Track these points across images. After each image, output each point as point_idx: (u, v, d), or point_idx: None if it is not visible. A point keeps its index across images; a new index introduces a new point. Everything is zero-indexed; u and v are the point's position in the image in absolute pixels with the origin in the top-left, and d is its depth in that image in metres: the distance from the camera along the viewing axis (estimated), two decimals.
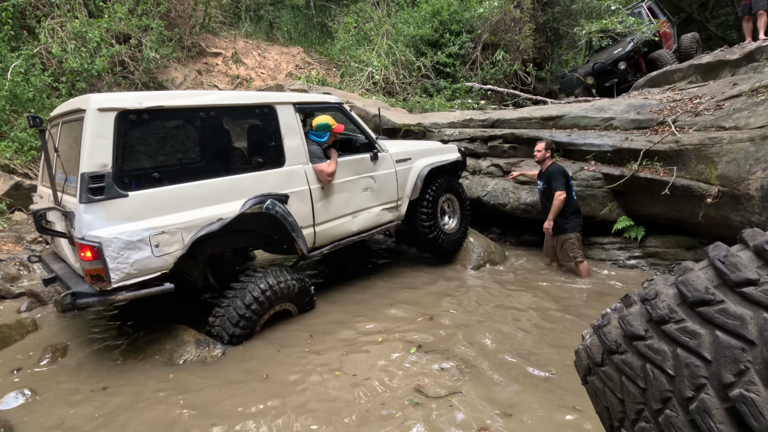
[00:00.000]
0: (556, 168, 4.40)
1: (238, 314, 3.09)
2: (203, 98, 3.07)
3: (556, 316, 3.57)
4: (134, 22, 7.72)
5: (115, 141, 2.63)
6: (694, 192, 4.06)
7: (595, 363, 1.29)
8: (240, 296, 3.13)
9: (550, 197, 4.42)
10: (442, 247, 4.64)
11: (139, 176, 2.78)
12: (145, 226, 2.69)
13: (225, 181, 3.09)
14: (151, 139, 2.93)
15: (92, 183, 2.55)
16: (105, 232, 2.56)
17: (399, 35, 9.63)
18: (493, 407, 2.40)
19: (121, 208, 2.64)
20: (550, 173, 4.40)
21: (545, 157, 4.51)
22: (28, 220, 5.66)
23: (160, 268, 2.78)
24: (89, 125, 2.58)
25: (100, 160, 2.59)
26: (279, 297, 3.31)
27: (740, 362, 0.93)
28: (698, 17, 15.50)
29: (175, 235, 2.79)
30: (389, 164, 4.25)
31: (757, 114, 3.99)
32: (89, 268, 2.57)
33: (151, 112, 2.80)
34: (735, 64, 6.08)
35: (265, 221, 3.31)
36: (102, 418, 2.43)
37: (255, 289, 3.17)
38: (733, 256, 1.03)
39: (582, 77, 9.41)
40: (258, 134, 3.58)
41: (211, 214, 2.96)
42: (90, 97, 2.65)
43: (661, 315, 1.09)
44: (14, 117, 6.32)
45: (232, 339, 3.10)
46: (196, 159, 3.19)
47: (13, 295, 4.07)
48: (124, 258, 2.61)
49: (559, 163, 4.60)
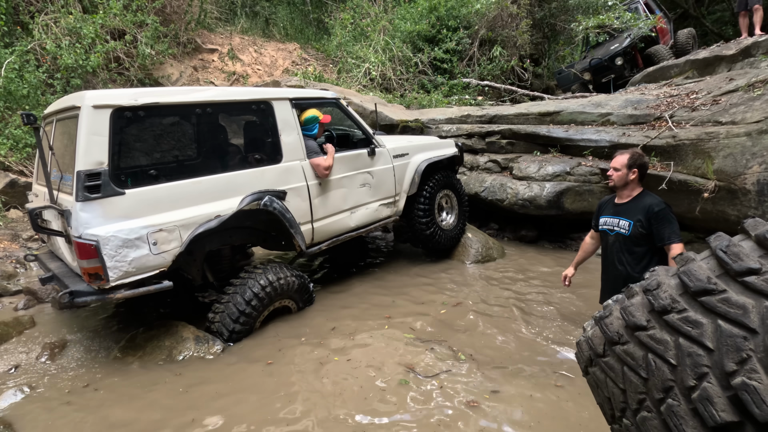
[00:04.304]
0: (656, 202, 2.56)
1: (238, 310, 3.09)
2: (199, 94, 3.05)
3: (552, 309, 3.59)
4: (129, 17, 7.66)
5: (110, 138, 2.61)
6: (691, 187, 4.08)
7: (597, 354, 1.30)
8: (240, 292, 3.13)
9: (636, 245, 2.60)
10: (438, 243, 4.63)
11: (135, 174, 2.76)
12: (142, 224, 2.67)
13: (222, 178, 3.07)
14: (147, 136, 2.91)
15: (88, 181, 2.53)
16: (102, 231, 2.54)
17: (396, 31, 9.60)
18: (482, 386, 2.57)
19: (118, 206, 2.62)
20: (649, 209, 2.54)
21: (628, 180, 2.64)
22: (24, 218, 5.62)
23: (159, 265, 2.77)
24: (84, 123, 2.56)
25: (96, 157, 2.57)
26: (279, 293, 3.31)
27: (742, 351, 0.94)
28: (694, 13, 15.54)
29: (173, 232, 2.78)
30: (386, 159, 4.24)
31: (753, 109, 4.01)
32: (87, 267, 2.55)
33: (146, 109, 2.78)
34: (731, 60, 6.11)
35: (263, 218, 3.30)
36: (101, 415, 2.43)
37: (255, 285, 3.17)
38: (735, 245, 1.03)
39: (579, 73, 9.42)
40: (255, 130, 3.57)
41: (209, 211, 2.95)
42: (85, 94, 2.63)
43: (664, 305, 1.09)
44: (8, 114, 6.26)
45: (231, 335, 3.10)
46: (192, 156, 3.17)
47: (9, 293, 4.04)
48: (122, 256, 2.60)
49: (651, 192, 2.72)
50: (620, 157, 2.67)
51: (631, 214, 2.62)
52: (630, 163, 2.62)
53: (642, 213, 2.56)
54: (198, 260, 3.14)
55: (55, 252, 3.33)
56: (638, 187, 2.68)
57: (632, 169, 2.62)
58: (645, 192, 2.68)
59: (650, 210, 2.53)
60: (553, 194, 4.89)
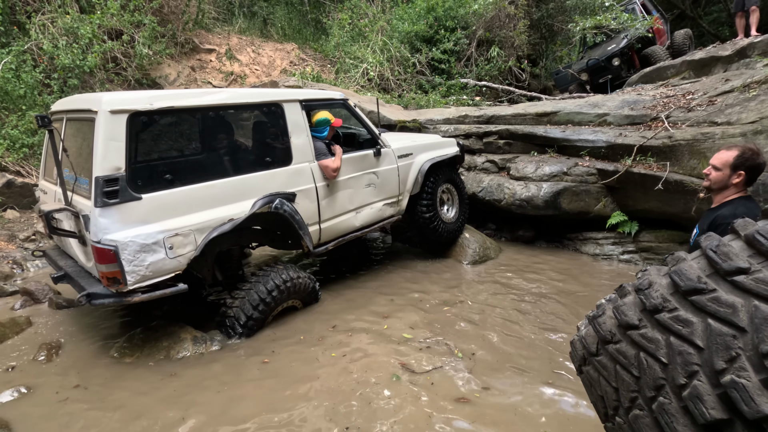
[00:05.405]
0: (753, 209, 1.94)
1: (260, 297, 3.17)
2: (212, 97, 3.05)
3: (547, 309, 3.61)
4: (126, 17, 7.65)
5: (127, 143, 2.62)
6: (686, 187, 4.10)
7: (590, 353, 1.31)
8: (263, 282, 3.22)
9: None
10: (440, 236, 4.67)
11: (151, 178, 2.77)
12: (158, 229, 2.70)
13: (234, 181, 3.09)
14: (161, 140, 2.94)
15: (107, 187, 2.54)
16: (121, 236, 2.57)
17: (394, 31, 9.61)
18: (472, 384, 2.63)
19: (135, 211, 2.64)
20: (717, 223, 1.97)
21: (728, 184, 2.02)
22: (21, 218, 5.61)
23: (174, 269, 2.80)
24: (102, 128, 2.56)
25: (113, 163, 2.58)
26: (294, 291, 3.41)
27: (732, 349, 0.95)
28: (691, 14, 15.60)
29: (188, 236, 2.81)
30: (392, 160, 4.26)
31: (748, 109, 4.04)
32: (106, 271, 2.59)
33: (161, 113, 2.79)
34: (727, 60, 6.14)
35: (273, 219, 3.33)
36: (97, 414, 2.43)
37: (277, 278, 3.28)
38: (725, 245, 1.05)
39: (576, 73, 9.44)
40: (265, 133, 3.56)
41: (222, 214, 2.97)
42: (101, 99, 2.61)
43: (655, 304, 1.10)
44: (5, 114, 6.25)
45: (248, 321, 3.14)
46: (205, 159, 3.17)
47: (6, 293, 4.04)
48: (139, 261, 2.63)
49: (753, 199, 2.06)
50: (724, 154, 1.99)
51: (703, 222, 2.02)
52: (737, 162, 1.95)
53: (711, 225, 1.91)
54: (209, 261, 3.17)
55: (65, 249, 3.33)
56: (738, 192, 1.98)
57: (737, 171, 1.95)
58: (743, 199, 1.94)
59: (719, 224, 1.85)
60: (550, 194, 4.91)
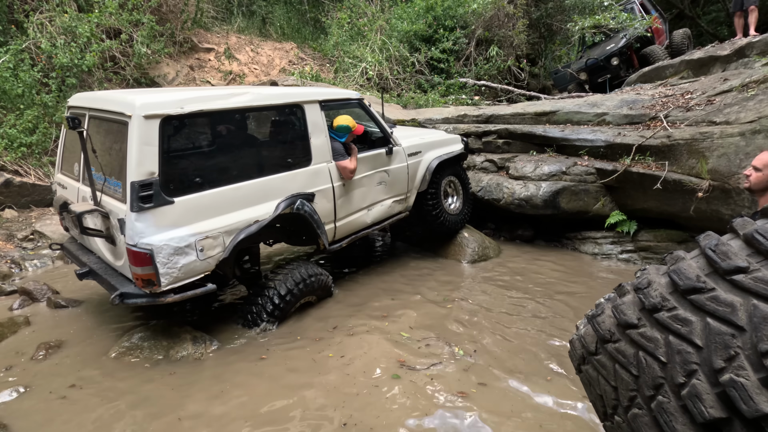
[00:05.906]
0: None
1: (288, 288, 3.28)
2: (238, 99, 3.06)
3: (548, 308, 3.61)
4: (125, 16, 7.63)
5: (160, 148, 2.64)
6: (685, 186, 4.11)
7: (589, 352, 1.31)
8: (291, 275, 3.35)
9: None
10: (443, 226, 4.74)
11: (182, 182, 2.80)
12: (190, 232, 2.75)
13: (259, 183, 3.13)
14: (191, 144, 2.98)
15: (142, 191, 2.57)
16: (155, 239, 2.62)
17: (393, 31, 9.60)
18: (471, 380, 2.67)
19: (169, 215, 2.68)
20: None
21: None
22: (19, 218, 5.60)
23: (204, 270, 2.87)
24: (136, 133, 2.57)
25: (147, 168, 2.60)
26: (315, 288, 3.52)
27: (730, 348, 0.95)
28: (690, 13, 15.62)
29: (217, 239, 2.88)
30: (402, 158, 4.31)
31: (747, 109, 4.04)
32: (141, 273, 2.64)
33: (191, 116, 2.81)
34: (726, 60, 6.15)
35: (292, 218, 3.38)
36: (95, 414, 2.43)
37: (304, 272, 3.40)
38: (724, 244, 1.05)
39: (575, 73, 9.45)
40: (287, 133, 3.56)
41: (249, 216, 3.03)
42: (134, 102, 2.61)
43: (654, 303, 1.10)
44: (3, 113, 6.23)
45: (275, 310, 3.24)
46: (233, 161, 3.15)
47: (4, 293, 4.03)
48: (173, 263, 2.69)
49: None
50: (766, 155, 1.96)
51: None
52: None
53: None
54: (232, 260, 3.19)
55: (86, 245, 3.35)
56: None
57: None
58: None
59: None
60: (549, 194, 4.91)
